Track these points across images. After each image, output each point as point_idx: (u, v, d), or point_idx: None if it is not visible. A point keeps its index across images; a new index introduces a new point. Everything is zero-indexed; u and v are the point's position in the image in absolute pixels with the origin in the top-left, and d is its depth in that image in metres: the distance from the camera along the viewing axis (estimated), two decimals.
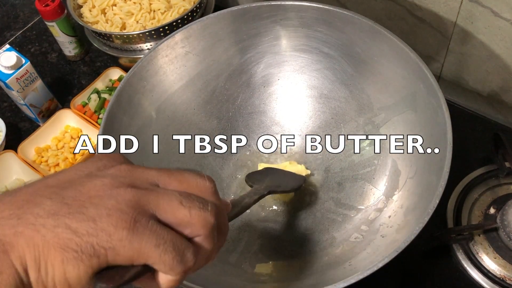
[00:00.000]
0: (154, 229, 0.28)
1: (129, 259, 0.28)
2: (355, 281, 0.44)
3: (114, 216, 0.28)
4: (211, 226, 0.30)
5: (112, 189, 0.29)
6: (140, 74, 0.61)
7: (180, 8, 0.81)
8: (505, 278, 0.58)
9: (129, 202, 0.28)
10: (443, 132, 0.51)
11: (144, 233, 0.28)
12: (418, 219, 0.47)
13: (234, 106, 0.69)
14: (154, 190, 0.30)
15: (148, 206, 0.29)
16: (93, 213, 0.28)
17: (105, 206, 0.28)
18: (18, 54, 0.76)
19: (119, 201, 0.28)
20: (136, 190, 0.29)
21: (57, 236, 0.27)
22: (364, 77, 0.63)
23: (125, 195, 0.29)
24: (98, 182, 0.29)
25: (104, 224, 0.27)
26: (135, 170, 0.31)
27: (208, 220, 0.30)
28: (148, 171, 0.32)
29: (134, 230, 0.28)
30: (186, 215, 0.29)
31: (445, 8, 0.67)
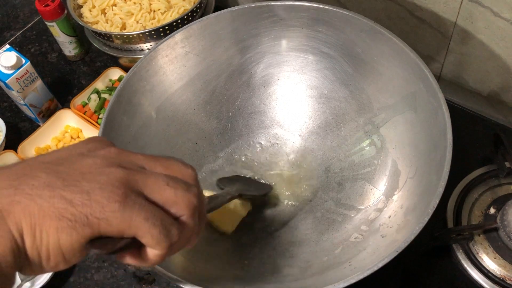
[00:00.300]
0: (143, 204, 0.30)
1: (120, 231, 0.30)
2: (355, 281, 0.44)
3: (107, 190, 0.29)
4: (194, 207, 0.32)
5: (103, 167, 0.31)
6: (140, 74, 0.61)
7: (180, 8, 0.81)
8: (505, 278, 0.58)
9: (119, 179, 0.30)
10: (443, 132, 0.51)
11: (134, 207, 0.30)
12: (418, 219, 0.47)
13: (234, 106, 0.69)
14: (142, 172, 0.32)
15: (137, 184, 0.31)
16: (87, 186, 0.29)
17: (98, 181, 0.30)
18: (18, 54, 0.76)
19: (110, 178, 0.30)
20: (125, 169, 0.31)
21: (52, 206, 0.28)
22: (364, 77, 0.63)
23: (116, 173, 0.31)
24: (89, 160, 0.31)
25: (97, 197, 0.29)
26: (124, 153, 0.33)
27: (192, 200, 0.32)
28: (136, 154, 0.34)
29: (126, 203, 0.29)
30: (172, 195, 0.32)
31: (445, 8, 0.67)
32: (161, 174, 0.32)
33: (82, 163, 0.31)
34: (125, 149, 0.34)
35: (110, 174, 0.30)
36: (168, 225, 0.31)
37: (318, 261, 0.55)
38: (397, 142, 0.60)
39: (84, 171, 0.30)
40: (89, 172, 0.30)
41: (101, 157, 0.32)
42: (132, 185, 0.31)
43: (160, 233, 0.30)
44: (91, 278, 0.67)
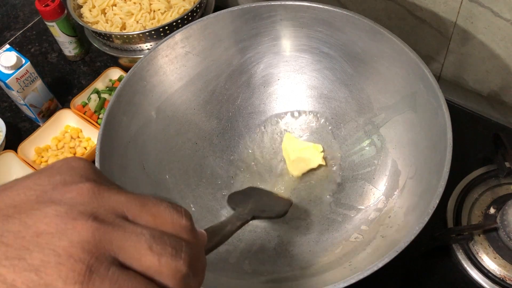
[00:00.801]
0: (115, 280, 0.23)
1: None
2: (355, 281, 0.44)
3: (65, 266, 0.22)
4: (182, 276, 0.25)
5: (67, 223, 0.23)
6: (140, 74, 0.61)
7: (180, 8, 0.81)
8: (505, 278, 0.58)
9: (86, 244, 0.23)
10: (443, 132, 0.51)
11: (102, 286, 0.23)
12: (418, 219, 0.47)
13: (234, 106, 0.69)
14: (121, 226, 0.24)
15: (110, 247, 0.24)
16: (37, 259, 0.22)
17: (54, 250, 0.22)
18: (18, 54, 0.76)
19: (73, 242, 0.23)
20: (98, 224, 0.24)
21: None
22: (364, 77, 0.63)
23: (82, 232, 0.23)
24: (50, 211, 0.23)
25: (50, 277, 0.22)
26: (101, 194, 0.25)
27: (180, 269, 0.25)
28: (117, 196, 0.26)
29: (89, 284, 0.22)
30: (154, 263, 0.24)
31: (445, 8, 0.67)
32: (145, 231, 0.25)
33: (40, 214, 0.23)
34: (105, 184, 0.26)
35: (74, 234, 0.23)
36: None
37: (318, 261, 0.55)
38: (397, 142, 0.60)
39: (40, 229, 0.23)
40: (46, 233, 0.23)
41: (67, 204, 0.24)
42: (103, 249, 0.23)
43: None
44: None
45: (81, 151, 0.78)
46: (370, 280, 0.44)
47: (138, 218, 0.25)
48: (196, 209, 0.62)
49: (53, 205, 0.24)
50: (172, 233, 0.26)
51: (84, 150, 0.78)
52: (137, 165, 0.60)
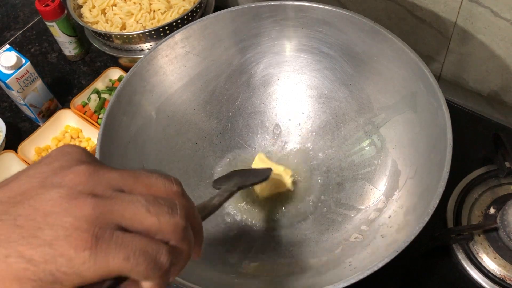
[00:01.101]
0: (120, 242, 0.26)
1: (98, 277, 0.26)
2: (355, 281, 0.44)
3: (73, 237, 0.25)
4: (182, 229, 0.28)
5: (70, 201, 0.26)
6: (140, 74, 0.61)
7: (180, 8, 0.81)
8: (505, 278, 0.58)
9: (89, 217, 0.26)
10: (443, 132, 0.51)
11: (109, 249, 0.25)
12: (418, 219, 0.47)
13: (234, 106, 0.69)
14: (118, 198, 0.27)
15: (112, 216, 0.26)
16: (49, 235, 0.25)
17: (62, 226, 0.25)
18: (18, 54, 0.76)
19: (77, 217, 0.25)
20: (97, 199, 0.27)
21: (10, 267, 0.24)
22: (364, 77, 0.63)
23: (84, 208, 0.26)
24: (53, 194, 0.26)
25: (62, 248, 0.25)
26: (96, 173, 0.28)
27: (178, 223, 0.28)
28: (111, 173, 0.29)
29: (97, 249, 0.25)
30: (154, 222, 0.27)
31: (445, 8, 0.67)
32: (141, 198, 0.28)
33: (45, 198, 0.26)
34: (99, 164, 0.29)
35: (77, 210, 0.26)
36: (154, 255, 0.27)
37: (318, 261, 0.55)
38: (397, 142, 0.60)
39: (47, 210, 0.26)
40: (52, 212, 0.25)
41: (67, 186, 0.27)
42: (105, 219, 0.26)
43: (146, 268, 0.26)
44: None
45: None
46: (370, 280, 0.44)
47: (133, 189, 0.28)
48: None
49: (55, 189, 0.26)
50: (165, 197, 0.29)
51: None
52: (137, 165, 0.60)
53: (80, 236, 0.25)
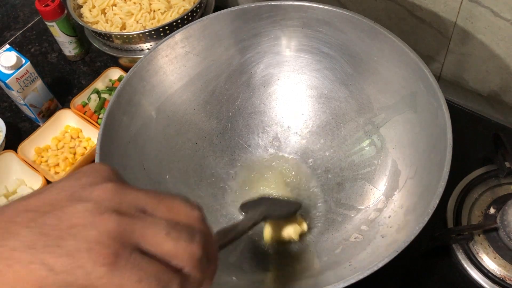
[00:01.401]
0: (137, 263, 0.27)
1: None
2: (355, 281, 0.44)
3: (94, 251, 0.26)
4: (198, 258, 0.29)
5: (95, 216, 0.27)
6: (140, 74, 0.61)
7: (180, 8, 0.81)
8: (505, 278, 0.58)
9: (112, 233, 0.27)
10: (443, 132, 0.51)
11: (125, 268, 0.26)
12: (418, 219, 0.47)
13: (234, 106, 0.69)
14: (141, 218, 0.28)
15: (133, 235, 0.27)
16: (71, 246, 0.26)
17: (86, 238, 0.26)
18: (18, 54, 0.76)
19: (101, 232, 0.26)
20: (121, 217, 0.27)
21: (31, 273, 0.25)
22: (364, 77, 0.63)
23: (108, 223, 0.27)
24: (80, 207, 0.27)
25: (82, 260, 0.26)
26: (123, 192, 0.29)
27: (195, 252, 0.29)
28: (137, 193, 0.30)
29: (115, 266, 0.26)
30: (172, 247, 0.28)
31: (445, 8, 0.67)
32: (163, 221, 0.29)
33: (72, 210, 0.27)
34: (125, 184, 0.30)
35: (101, 225, 0.27)
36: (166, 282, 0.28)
37: (318, 261, 0.56)
38: (397, 142, 0.60)
39: (73, 222, 0.27)
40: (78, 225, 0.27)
41: (94, 200, 0.28)
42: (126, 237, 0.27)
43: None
44: None
45: (81, 151, 0.78)
46: (370, 280, 0.44)
47: (155, 211, 0.29)
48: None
49: (82, 202, 0.27)
50: (186, 222, 0.29)
51: (84, 150, 0.78)
52: (137, 165, 0.60)
53: (101, 251, 0.26)
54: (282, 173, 0.67)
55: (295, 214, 0.59)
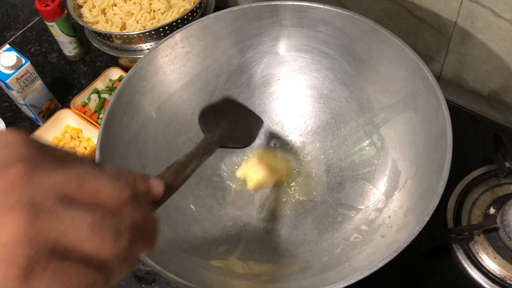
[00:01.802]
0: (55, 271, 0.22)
1: None
2: (355, 281, 0.44)
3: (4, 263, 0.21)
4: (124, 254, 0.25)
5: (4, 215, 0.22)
6: (140, 74, 0.61)
7: (180, 8, 0.81)
8: (505, 278, 0.58)
9: (23, 236, 0.22)
10: (443, 132, 0.51)
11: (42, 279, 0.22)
12: (418, 219, 0.47)
13: None
14: (59, 212, 0.23)
15: (49, 236, 0.23)
16: None
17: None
18: (18, 54, 0.76)
19: (10, 237, 0.22)
20: (35, 213, 0.22)
21: None
22: (364, 77, 0.63)
23: (19, 224, 0.22)
24: None
25: None
26: (36, 176, 0.23)
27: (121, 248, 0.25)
28: (55, 176, 0.24)
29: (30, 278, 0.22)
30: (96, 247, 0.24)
31: (445, 8, 0.67)
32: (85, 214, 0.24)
33: None
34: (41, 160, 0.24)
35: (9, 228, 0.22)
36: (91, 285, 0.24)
37: (318, 261, 0.55)
38: (397, 142, 0.60)
39: None
40: None
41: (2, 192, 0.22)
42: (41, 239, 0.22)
43: None
44: None
45: (81, 151, 0.78)
46: (370, 280, 0.44)
47: (78, 197, 0.24)
48: (196, 209, 0.62)
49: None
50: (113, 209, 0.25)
51: (84, 150, 0.78)
52: (137, 165, 0.60)
53: (12, 262, 0.21)
54: (282, 174, 0.67)
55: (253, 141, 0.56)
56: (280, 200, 0.64)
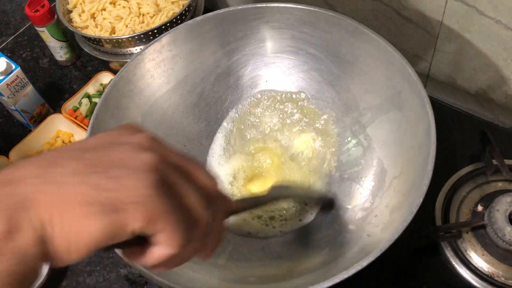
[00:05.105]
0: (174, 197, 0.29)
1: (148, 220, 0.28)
2: (340, 280, 0.44)
3: (139, 176, 0.28)
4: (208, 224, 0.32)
5: (136, 153, 0.29)
6: (127, 78, 0.62)
7: (169, 11, 0.82)
8: (493, 275, 0.58)
9: (153, 166, 0.29)
10: (427, 131, 0.51)
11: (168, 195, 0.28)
12: (403, 218, 0.47)
13: (222, 108, 0.70)
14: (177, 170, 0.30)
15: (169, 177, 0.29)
16: (117, 172, 0.28)
17: (129, 167, 0.28)
18: (8, 59, 0.76)
19: (143, 163, 0.29)
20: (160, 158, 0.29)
21: (79, 193, 0.27)
22: (350, 77, 0.64)
23: (150, 158, 0.29)
24: (122, 148, 0.30)
25: (128, 181, 0.27)
26: (158, 142, 0.31)
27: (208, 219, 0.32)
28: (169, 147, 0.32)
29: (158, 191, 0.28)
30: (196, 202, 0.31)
31: (430, 7, 0.68)
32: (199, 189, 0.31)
33: (113, 150, 0.29)
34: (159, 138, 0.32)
35: (144, 159, 0.29)
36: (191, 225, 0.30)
37: (305, 261, 0.56)
38: (383, 142, 0.60)
39: (115, 157, 0.29)
40: (120, 159, 0.29)
41: (135, 143, 0.30)
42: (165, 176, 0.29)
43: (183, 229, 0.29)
44: (83, 282, 0.67)
45: None
46: (359, 279, 0.44)
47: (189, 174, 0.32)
48: None
49: (123, 145, 0.30)
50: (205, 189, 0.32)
51: None
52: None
53: (146, 176, 0.28)
54: (271, 175, 0.67)
55: None
56: None
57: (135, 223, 0.27)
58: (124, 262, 0.66)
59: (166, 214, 0.28)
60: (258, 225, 0.62)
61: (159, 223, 0.28)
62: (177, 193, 0.30)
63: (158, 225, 0.28)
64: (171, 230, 0.29)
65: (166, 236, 0.29)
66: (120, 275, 0.67)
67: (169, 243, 0.29)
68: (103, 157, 0.29)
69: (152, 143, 0.31)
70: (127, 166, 0.28)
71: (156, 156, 0.29)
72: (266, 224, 0.61)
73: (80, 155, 0.29)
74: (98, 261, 0.68)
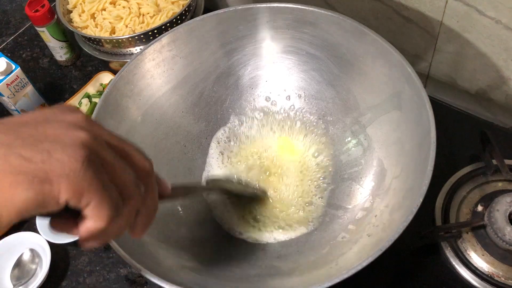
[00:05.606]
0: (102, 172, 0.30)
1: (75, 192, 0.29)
2: (340, 281, 0.44)
3: (70, 150, 0.29)
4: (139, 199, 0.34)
5: (69, 130, 0.30)
6: (127, 78, 0.62)
7: (169, 11, 0.82)
8: (493, 275, 0.58)
9: (84, 142, 0.30)
10: (427, 131, 0.51)
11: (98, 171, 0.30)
12: (403, 218, 0.47)
13: (222, 108, 0.70)
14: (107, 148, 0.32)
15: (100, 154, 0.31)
16: (48, 146, 0.29)
17: (61, 142, 0.29)
18: (8, 59, 0.76)
19: (74, 139, 0.29)
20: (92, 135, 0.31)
21: (7, 163, 0.28)
22: (350, 77, 0.64)
23: (82, 136, 0.30)
24: (55, 124, 0.30)
25: (59, 155, 0.28)
26: (92, 122, 0.32)
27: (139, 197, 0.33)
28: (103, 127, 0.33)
29: (88, 165, 0.29)
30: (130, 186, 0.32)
31: (431, 7, 0.68)
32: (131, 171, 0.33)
33: (48, 126, 0.30)
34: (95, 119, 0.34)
35: (76, 135, 0.30)
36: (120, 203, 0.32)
37: (305, 261, 0.56)
38: (383, 142, 0.60)
39: (49, 133, 0.30)
40: (53, 134, 0.30)
41: (69, 121, 0.31)
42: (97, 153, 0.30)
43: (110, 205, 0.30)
44: (84, 282, 0.67)
45: None
46: (359, 279, 0.44)
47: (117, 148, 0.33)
48: (184, 212, 0.62)
49: (57, 122, 0.31)
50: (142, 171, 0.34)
51: None
52: None
53: (76, 151, 0.29)
54: (271, 174, 0.67)
55: None
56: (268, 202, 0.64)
57: (62, 195, 0.28)
58: (124, 262, 0.66)
59: (92, 187, 0.29)
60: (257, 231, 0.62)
61: (85, 196, 0.29)
62: (108, 169, 0.31)
63: (85, 198, 0.29)
64: (98, 203, 0.30)
65: (93, 209, 0.30)
66: (120, 275, 0.67)
67: (96, 217, 0.30)
68: (37, 132, 0.30)
69: (87, 123, 0.32)
70: (59, 141, 0.29)
71: (89, 134, 0.30)
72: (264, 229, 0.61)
73: (11, 128, 0.30)
74: (98, 261, 0.68)
